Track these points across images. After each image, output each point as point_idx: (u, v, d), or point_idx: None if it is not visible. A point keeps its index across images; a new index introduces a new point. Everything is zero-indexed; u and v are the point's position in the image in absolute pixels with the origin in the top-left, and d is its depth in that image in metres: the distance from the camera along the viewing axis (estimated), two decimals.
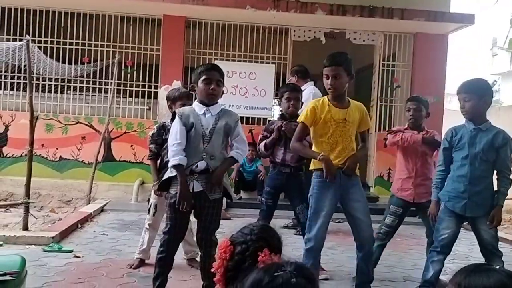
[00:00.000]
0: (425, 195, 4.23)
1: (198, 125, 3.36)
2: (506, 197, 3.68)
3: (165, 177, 3.47)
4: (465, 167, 3.64)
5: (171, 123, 3.51)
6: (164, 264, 3.46)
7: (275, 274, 1.42)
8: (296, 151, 3.95)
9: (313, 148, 3.70)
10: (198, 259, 4.53)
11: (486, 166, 3.65)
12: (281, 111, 4.82)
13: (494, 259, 3.61)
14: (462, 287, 1.56)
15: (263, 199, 4.70)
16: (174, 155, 3.32)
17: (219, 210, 3.52)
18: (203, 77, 3.40)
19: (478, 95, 3.60)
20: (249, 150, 7.78)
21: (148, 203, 4.69)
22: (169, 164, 3.40)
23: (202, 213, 3.44)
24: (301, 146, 3.75)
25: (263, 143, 4.61)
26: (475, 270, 1.59)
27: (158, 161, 4.37)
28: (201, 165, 3.36)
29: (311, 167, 3.69)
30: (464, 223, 3.91)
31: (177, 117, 3.40)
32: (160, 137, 4.33)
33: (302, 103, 4.74)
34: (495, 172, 3.71)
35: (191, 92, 4.10)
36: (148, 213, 4.55)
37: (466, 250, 5.61)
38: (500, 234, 4.12)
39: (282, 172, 4.55)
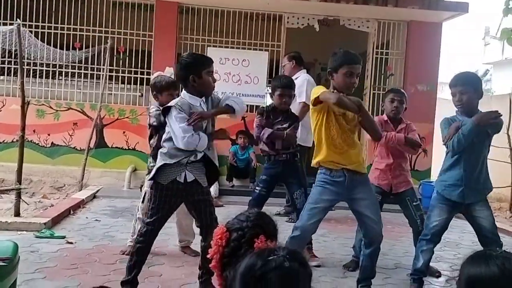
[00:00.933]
0: (403, 184, 4.35)
1: None
2: (498, 187, 3.69)
3: (157, 165, 3.37)
4: (460, 157, 3.64)
5: (164, 117, 3.40)
6: (142, 253, 3.40)
7: (268, 258, 1.43)
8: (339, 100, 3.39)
9: (317, 145, 3.57)
10: (191, 246, 4.57)
11: (480, 153, 3.67)
12: (273, 103, 4.75)
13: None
14: (463, 277, 1.59)
15: (257, 187, 4.60)
16: (194, 139, 3.24)
17: (210, 195, 3.50)
18: (208, 69, 3.34)
19: (474, 87, 3.63)
20: (241, 137, 7.84)
21: (141, 191, 4.63)
22: (162, 150, 3.37)
23: (197, 203, 3.40)
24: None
25: (266, 133, 4.48)
26: (475, 259, 1.59)
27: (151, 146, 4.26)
28: (199, 155, 3.34)
29: (313, 163, 3.60)
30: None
31: (177, 109, 3.25)
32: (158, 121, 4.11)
33: (294, 95, 4.72)
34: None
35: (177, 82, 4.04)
36: (142, 201, 4.43)
37: (457, 238, 5.67)
38: None
39: (279, 160, 4.52)
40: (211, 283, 3.35)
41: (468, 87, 3.61)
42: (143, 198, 4.39)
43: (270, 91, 4.79)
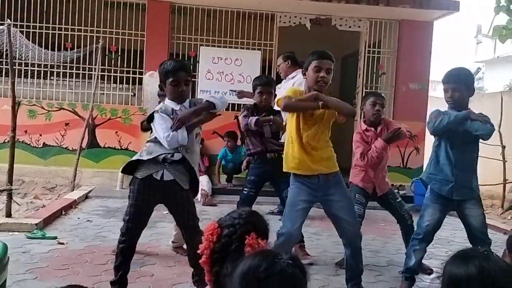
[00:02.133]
0: (386, 186, 4.44)
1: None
2: (490, 184, 3.71)
3: (133, 158, 3.38)
4: (450, 152, 3.66)
5: (148, 124, 3.45)
6: (127, 253, 3.35)
7: (274, 261, 1.43)
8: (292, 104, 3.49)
9: (287, 142, 3.56)
10: (185, 247, 4.55)
11: (472, 154, 3.69)
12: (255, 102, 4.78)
13: (483, 247, 3.63)
14: (445, 277, 1.64)
15: (245, 188, 4.59)
16: (173, 136, 3.25)
17: (193, 200, 3.46)
18: (170, 79, 3.33)
19: (466, 85, 3.63)
20: (226, 140, 7.77)
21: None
22: (143, 148, 3.38)
23: (176, 205, 3.37)
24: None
25: (254, 118, 4.51)
26: (456, 258, 1.64)
27: None
28: (177, 156, 3.32)
29: (285, 169, 3.58)
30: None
31: (159, 114, 3.32)
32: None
33: (275, 95, 4.74)
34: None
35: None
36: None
37: (449, 235, 5.69)
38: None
39: (267, 159, 4.54)
40: (205, 281, 3.34)
41: (460, 84, 3.62)
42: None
43: (251, 93, 4.85)
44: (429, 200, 3.77)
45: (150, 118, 3.41)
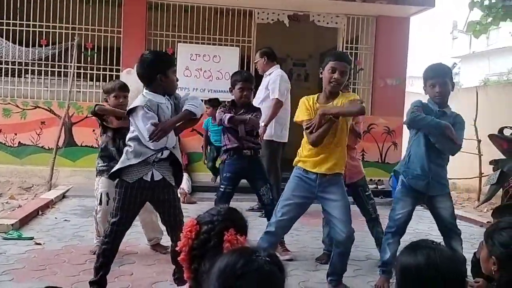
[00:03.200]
0: (356, 174, 4.50)
1: (162, 116, 3.27)
2: (466, 178, 3.77)
3: (120, 165, 3.28)
4: (427, 146, 3.70)
5: (128, 116, 3.35)
6: (109, 255, 3.33)
7: (251, 258, 1.43)
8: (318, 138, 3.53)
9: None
10: (161, 243, 4.53)
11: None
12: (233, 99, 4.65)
13: (453, 237, 3.72)
14: (397, 266, 1.82)
15: (221, 186, 4.53)
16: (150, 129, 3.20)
17: (177, 193, 3.46)
18: (174, 68, 3.35)
19: (450, 79, 3.71)
20: (208, 108, 7.33)
21: (96, 192, 4.39)
22: (128, 149, 3.30)
23: (164, 202, 3.35)
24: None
25: (228, 114, 4.40)
26: (407, 248, 1.82)
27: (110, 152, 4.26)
28: (166, 153, 3.30)
29: (295, 163, 3.67)
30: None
31: (145, 109, 3.21)
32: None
33: (255, 92, 4.69)
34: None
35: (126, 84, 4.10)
36: (99, 203, 4.28)
37: (426, 228, 5.76)
38: (458, 212, 4.24)
39: (243, 156, 4.46)
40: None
41: (446, 78, 3.68)
42: (100, 199, 4.28)
43: (229, 88, 4.65)
44: (400, 193, 3.83)
45: (132, 111, 3.29)
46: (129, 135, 3.37)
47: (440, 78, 3.67)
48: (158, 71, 3.27)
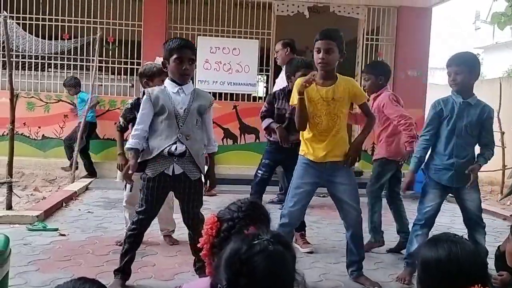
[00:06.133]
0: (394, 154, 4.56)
1: (170, 106, 3.28)
2: (489, 170, 3.73)
3: (140, 158, 3.40)
4: (452, 140, 3.65)
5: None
6: (134, 241, 3.43)
7: (253, 242, 1.45)
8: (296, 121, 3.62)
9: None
10: (173, 235, 4.59)
11: (470, 140, 3.68)
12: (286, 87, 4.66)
13: (477, 229, 3.68)
14: (418, 259, 1.82)
15: (259, 171, 4.70)
16: (131, 137, 3.35)
17: (201, 189, 3.49)
18: (175, 56, 3.27)
19: (468, 67, 3.60)
20: None
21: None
22: (129, 145, 3.36)
23: (184, 195, 3.43)
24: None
25: (268, 121, 4.60)
26: (429, 242, 1.83)
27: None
28: (180, 147, 3.31)
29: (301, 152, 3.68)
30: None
31: (146, 97, 3.31)
32: (132, 114, 4.04)
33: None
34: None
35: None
36: (125, 189, 4.41)
37: (449, 221, 5.71)
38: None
39: (283, 147, 4.54)
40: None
41: (463, 67, 3.59)
42: (125, 186, 4.34)
43: (287, 79, 4.58)
44: (428, 186, 3.79)
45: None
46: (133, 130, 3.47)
47: (452, 67, 3.62)
48: (164, 57, 3.37)
